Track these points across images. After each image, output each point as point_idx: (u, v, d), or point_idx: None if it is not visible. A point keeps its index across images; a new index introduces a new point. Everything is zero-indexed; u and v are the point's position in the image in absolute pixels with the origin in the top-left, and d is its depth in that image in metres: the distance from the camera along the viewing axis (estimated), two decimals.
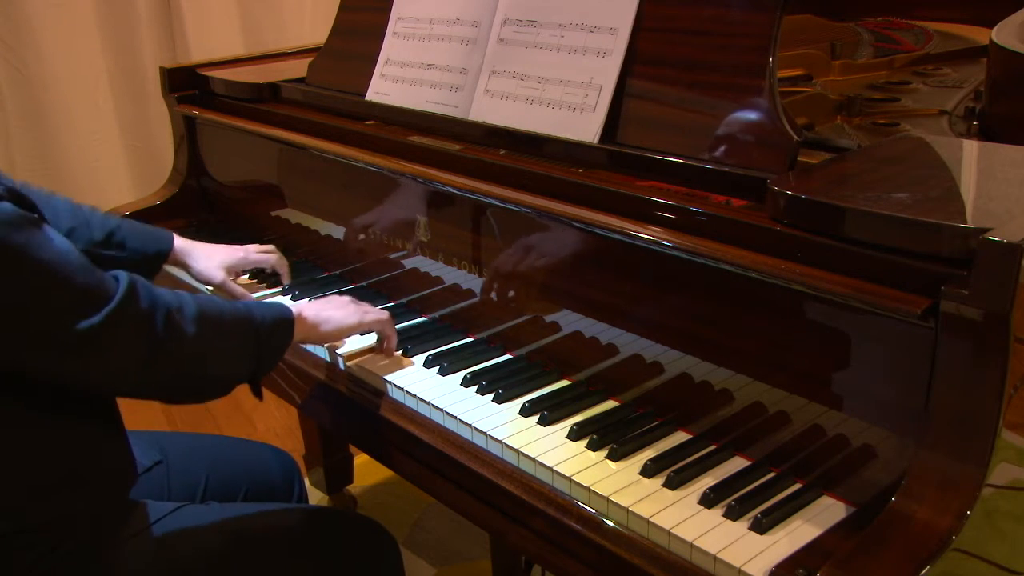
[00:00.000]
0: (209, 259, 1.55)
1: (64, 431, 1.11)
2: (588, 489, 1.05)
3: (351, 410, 1.37)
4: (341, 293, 1.59)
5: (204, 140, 2.00)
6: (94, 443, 1.15)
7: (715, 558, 0.94)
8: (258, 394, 1.22)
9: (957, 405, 0.87)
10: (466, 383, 1.29)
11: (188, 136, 2.00)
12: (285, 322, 1.21)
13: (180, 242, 1.54)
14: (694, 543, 0.96)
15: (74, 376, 1.04)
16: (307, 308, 1.30)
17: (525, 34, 1.40)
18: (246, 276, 1.70)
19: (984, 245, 0.83)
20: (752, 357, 1.08)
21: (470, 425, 1.19)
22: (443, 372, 1.32)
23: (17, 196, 0.98)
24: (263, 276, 1.69)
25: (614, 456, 1.11)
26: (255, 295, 1.62)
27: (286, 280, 1.65)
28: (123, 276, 1.04)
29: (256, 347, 1.16)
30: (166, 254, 1.50)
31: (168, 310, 1.06)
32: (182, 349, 1.07)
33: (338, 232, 1.67)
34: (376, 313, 1.36)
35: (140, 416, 2.85)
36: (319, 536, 1.30)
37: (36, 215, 0.99)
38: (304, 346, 1.48)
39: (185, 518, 1.22)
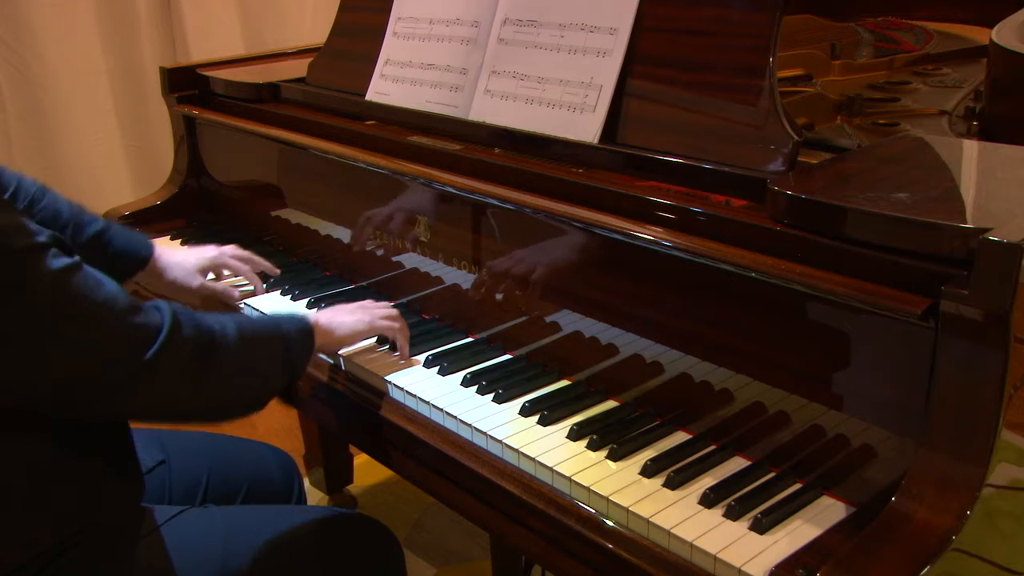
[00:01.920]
0: (181, 267, 1.56)
1: (77, 459, 1.11)
2: (588, 489, 1.05)
3: (351, 410, 1.37)
4: (341, 293, 1.60)
5: (204, 140, 2.00)
6: (107, 463, 1.15)
7: (715, 558, 0.94)
8: (292, 401, 1.23)
9: (957, 405, 0.87)
10: (466, 383, 1.29)
11: (188, 136, 2.00)
12: (308, 331, 1.24)
13: (158, 251, 1.54)
14: (694, 543, 0.96)
15: (124, 408, 1.06)
16: (320, 316, 1.32)
17: (525, 34, 1.40)
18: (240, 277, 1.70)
19: (984, 245, 0.83)
20: (752, 357, 1.08)
21: (470, 425, 1.19)
22: (443, 372, 1.32)
23: (59, 242, 0.99)
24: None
25: (614, 456, 1.11)
26: (253, 299, 1.62)
27: (273, 273, 1.66)
28: (165, 308, 1.05)
29: (288, 359, 1.19)
30: (146, 259, 1.51)
31: (212, 335, 1.08)
32: (223, 371, 1.10)
33: (338, 232, 1.67)
34: (388, 316, 1.37)
35: None
36: (323, 538, 1.30)
37: (77, 258, 1.00)
38: None
39: (186, 523, 1.22)
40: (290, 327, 1.21)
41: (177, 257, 1.56)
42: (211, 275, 1.63)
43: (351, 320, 1.34)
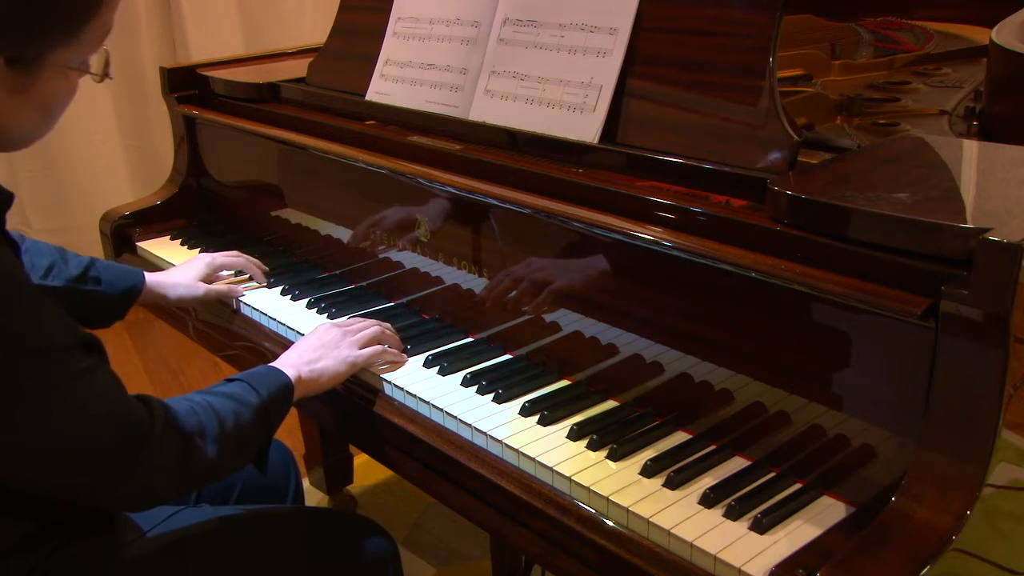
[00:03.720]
0: (181, 284, 1.58)
1: None
2: (588, 489, 1.05)
3: (351, 410, 1.37)
4: (341, 293, 1.60)
5: (204, 140, 2.00)
6: None
7: (715, 558, 0.94)
8: (263, 465, 1.23)
9: (957, 405, 0.87)
10: (466, 383, 1.29)
11: (188, 136, 2.00)
12: (287, 390, 1.22)
13: (152, 277, 1.56)
14: (694, 543, 0.96)
15: (108, 500, 1.06)
16: (302, 367, 1.27)
17: (525, 34, 1.40)
18: (246, 275, 1.70)
19: (984, 245, 0.83)
20: (752, 357, 1.08)
21: (470, 425, 1.19)
22: (443, 372, 1.32)
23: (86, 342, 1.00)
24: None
25: (614, 456, 1.11)
26: (252, 296, 1.62)
27: (261, 282, 1.67)
28: (154, 407, 1.05)
29: (267, 425, 1.18)
30: (139, 288, 1.51)
31: (192, 436, 1.07)
32: (207, 465, 1.09)
33: (338, 232, 1.67)
34: (368, 348, 1.33)
35: None
36: (316, 539, 1.30)
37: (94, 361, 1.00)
38: None
39: (179, 523, 1.22)
40: (270, 391, 1.19)
41: (174, 277, 1.59)
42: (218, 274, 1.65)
43: (333, 365, 1.30)
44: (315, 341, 1.32)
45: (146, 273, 1.56)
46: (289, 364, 1.27)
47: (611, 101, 1.28)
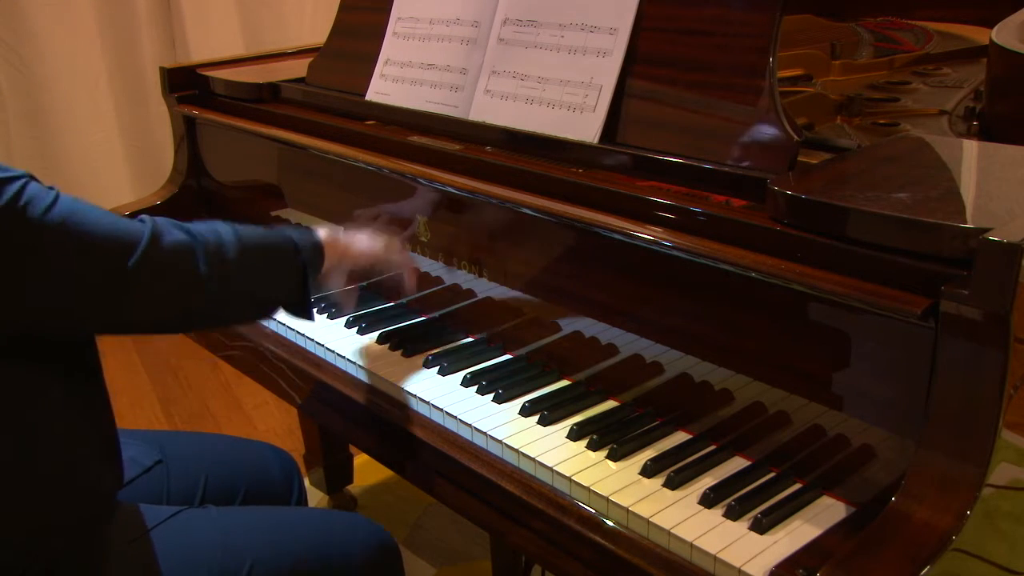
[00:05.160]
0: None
1: (45, 452, 1.10)
2: (588, 489, 1.05)
3: (350, 410, 1.37)
4: (340, 293, 1.59)
5: (204, 140, 2.00)
6: (84, 455, 1.14)
7: (715, 558, 0.94)
8: (310, 316, 1.23)
9: (957, 405, 0.87)
10: (466, 383, 1.29)
11: (188, 136, 2.00)
12: (317, 244, 1.24)
13: None
14: (694, 543, 0.96)
15: (129, 320, 1.08)
16: (338, 234, 1.31)
17: (525, 34, 1.40)
18: None
19: (984, 245, 0.83)
20: (752, 357, 1.08)
21: (470, 425, 1.19)
22: (443, 372, 1.32)
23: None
24: None
25: (614, 456, 1.11)
26: None
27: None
28: (144, 218, 1.07)
29: (300, 270, 1.19)
30: None
31: (205, 239, 1.10)
32: (226, 271, 1.10)
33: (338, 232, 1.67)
34: (402, 257, 1.38)
35: (140, 416, 2.86)
36: (319, 539, 1.30)
37: (54, 189, 1.02)
38: (303, 345, 1.48)
39: (183, 523, 1.22)
40: (303, 240, 1.21)
41: None
42: None
43: (369, 241, 1.34)
44: (348, 232, 1.37)
45: None
46: (320, 231, 1.30)
47: (611, 101, 1.28)
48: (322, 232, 1.28)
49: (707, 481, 1.06)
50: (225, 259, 1.10)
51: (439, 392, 1.27)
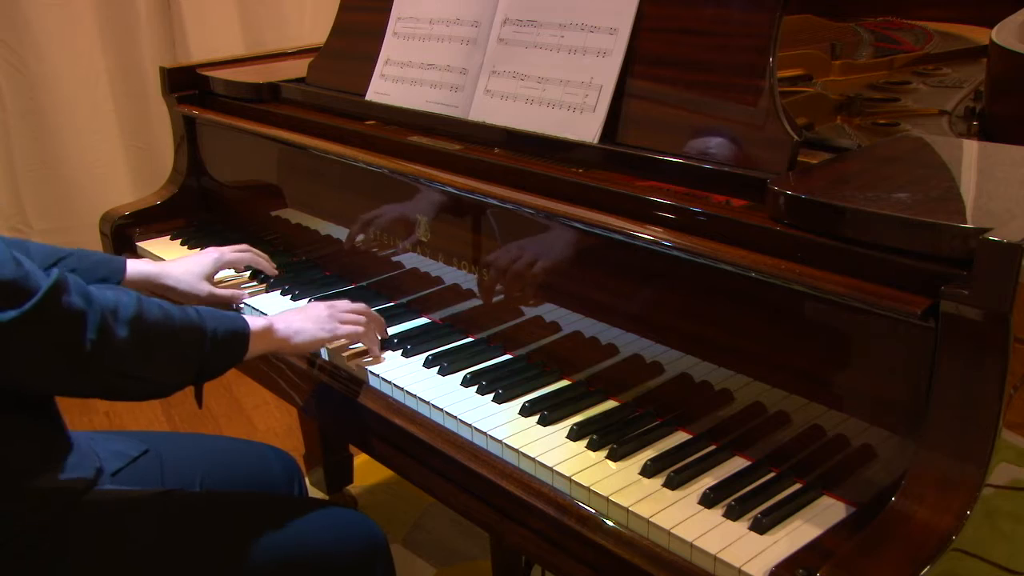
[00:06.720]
0: (187, 274, 1.57)
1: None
2: (588, 489, 1.05)
3: (350, 410, 1.37)
4: (341, 293, 1.60)
5: (204, 140, 2.00)
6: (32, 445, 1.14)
7: (715, 558, 0.94)
8: (199, 401, 1.21)
9: (957, 405, 0.87)
10: (466, 383, 1.29)
11: (188, 136, 2.00)
12: (239, 335, 1.21)
13: (150, 267, 1.54)
14: (694, 543, 0.96)
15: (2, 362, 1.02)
16: (279, 320, 1.30)
17: (525, 34, 1.40)
18: (247, 273, 1.70)
19: (984, 245, 0.83)
20: (752, 357, 1.08)
21: (470, 425, 1.19)
22: (443, 372, 1.32)
23: None
24: (257, 273, 1.70)
25: (614, 456, 1.11)
26: (252, 298, 1.62)
27: (272, 273, 1.67)
28: (53, 272, 1.02)
29: (200, 356, 1.16)
30: (117, 280, 1.49)
31: (102, 311, 1.05)
32: (114, 351, 1.06)
33: (338, 232, 1.67)
34: (352, 323, 1.35)
35: (140, 416, 2.86)
36: (302, 530, 1.29)
37: None
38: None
39: (169, 505, 1.22)
40: (218, 326, 1.18)
41: (180, 268, 1.58)
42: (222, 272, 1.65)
43: (312, 328, 1.31)
44: (302, 312, 1.36)
45: (149, 262, 1.55)
46: (265, 318, 1.29)
47: (611, 101, 1.28)
48: (259, 321, 1.26)
49: (707, 481, 1.06)
50: (116, 336, 1.05)
51: (439, 392, 1.27)
